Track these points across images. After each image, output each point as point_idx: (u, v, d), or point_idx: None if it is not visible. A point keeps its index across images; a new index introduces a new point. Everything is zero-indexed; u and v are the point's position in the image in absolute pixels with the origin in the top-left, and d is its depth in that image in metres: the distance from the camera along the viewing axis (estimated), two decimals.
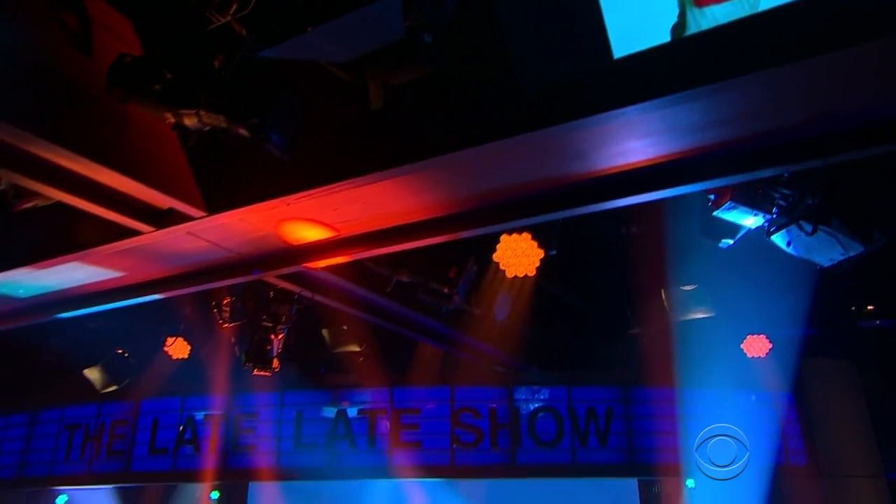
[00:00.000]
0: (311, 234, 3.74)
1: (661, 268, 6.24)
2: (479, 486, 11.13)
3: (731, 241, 4.24)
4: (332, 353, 7.34)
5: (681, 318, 6.37)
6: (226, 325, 5.92)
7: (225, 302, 5.87)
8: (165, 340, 7.53)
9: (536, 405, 7.15)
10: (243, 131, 2.64)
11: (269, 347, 5.01)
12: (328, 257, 3.89)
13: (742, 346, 7.44)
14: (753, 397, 7.79)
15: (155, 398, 7.94)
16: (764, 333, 7.37)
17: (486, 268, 4.47)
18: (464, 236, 3.59)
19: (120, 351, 7.97)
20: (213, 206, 3.34)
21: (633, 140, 2.83)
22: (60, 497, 9.67)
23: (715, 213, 3.58)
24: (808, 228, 3.33)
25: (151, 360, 7.83)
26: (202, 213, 3.35)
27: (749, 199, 3.37)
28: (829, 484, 7.63)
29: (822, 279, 6.42)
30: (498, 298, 4.76)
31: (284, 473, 7.17)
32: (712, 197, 3.56)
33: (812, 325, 7.35)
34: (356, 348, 7.30)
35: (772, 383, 7.60)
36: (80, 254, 3.94)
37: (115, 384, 7.97)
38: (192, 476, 7.50)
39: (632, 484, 12.16)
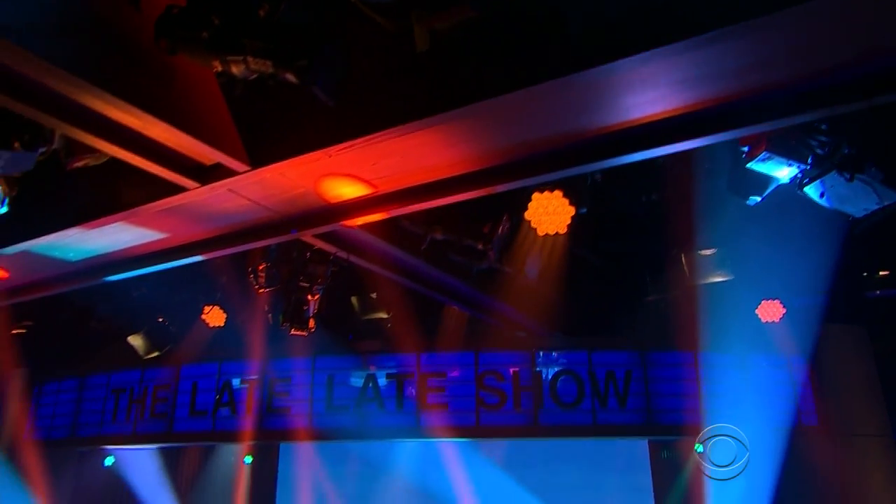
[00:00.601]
0: (348, 190, 3.64)
1: (680, 233, 6.10)
2: (499, 445, 11.17)
3: (758, 198, 4.09)
4: (361, 320, 7.29)
5: (699, 282, 6.22)
6: (261, 291, 5.85)
7: (261, 268, 5.79)
8: (203, 309, 7.51)
9: (558, 369, 7.03)
10: (290, 76, 2.53)
11: (305, 308, 4.94)
12: (365, 215, 3.78)
13: (756, 311, 7.28)
14: (765, 364, 7.64)
15: (194, 364, 7.94)
16: (778, 298, 7.21)
17: (519, 226, 4.34)
18: (499, 190, 3.47)
19: (161, 319, 7.98)
20: (257, 160, 3.24)
21: (674, 84, 2.68)
22: (108, 458, 9.77)
23: (748, 165, 3.43)
24: (846, 177, 3.17)
25: (190, 327, 7.82)
26: (246, 168, 3.26)
27: (784, 148, 3.22)
28: (840, 442, 7.51)
29: (839, 244, 6.29)
30: (529, 258, 4.63)
31: (317, 434, 7.14)
32: (745, 149, 3.40)
33: (826, 291, 7.18)
34: (384, 315, 7.24)
35: (785, 347, 7.45)
36: (127, 213, 3.87)
37: (156, 350, 7.99)
38: (230, 436, 7.50)
39: (643, 449, 12.15)
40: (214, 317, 7.56)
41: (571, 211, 4.06)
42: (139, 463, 9.85)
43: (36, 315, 7.91)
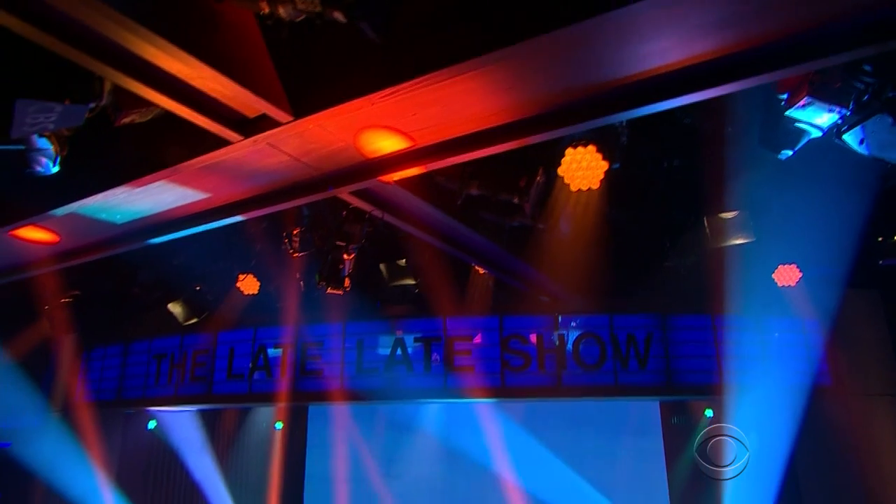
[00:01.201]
0: (387, 144, 3.51)
1: (702, 197, 5.91)
2: (519, 410, 11.18)
3: (790, 152, 3.91)
4: (389, 286, 7.20)
5: (720, 245, 6.04)
6: (295, 255, 5.77)
7: (295, 232, 5.72)
8: (237, 277, 7.47)
9: (580, 332, 6.90)
10: (338, 14, 2.41)
11: (341, 267, 4.84)
12: (402, 169, 3.66)
13: (773, 275, 7.11)
14: (781, 327, 7.46)
15: (230, 330, 7.90)
16: (795, 262, 7.03)
17: (553, 182, 4.19)
18: (537, 140, 3.32)
19: (198, 288, 7.96)
20: (299, 109, 3.12)
21: (717, 22, 2.52)
22: (151, 422, 9.84)
23: (787, 113, 3.25)
24: (888, 121, 2.99)
25: (226, 295, 7.79)
26: (289, 118, 3.14)
27: (827, 92, 3.04)
28: (853, 402, 7.36)
29: (860, 210, 6.10)
30: (561, 215, 4.49)
31: (348, 395, 7.08)
32: (784, 96, 3.23)
33: (844, 255, 6.98)
34: (412, 282, 7.15)
35: (801, 310, 7.27)
36: (171, 170, 3.79)
37: (195, 317, 7.97)
38: (265, 398, 7.49)
39: (655, 415, 12.08)
40: (248, 285, 7.52)
41: (605, 166, 3.91)
42: (181, 425, 9.93)
43: (82, 285, 7.92)
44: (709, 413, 11.74)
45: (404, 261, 6.95)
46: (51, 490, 8.81)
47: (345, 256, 4.77)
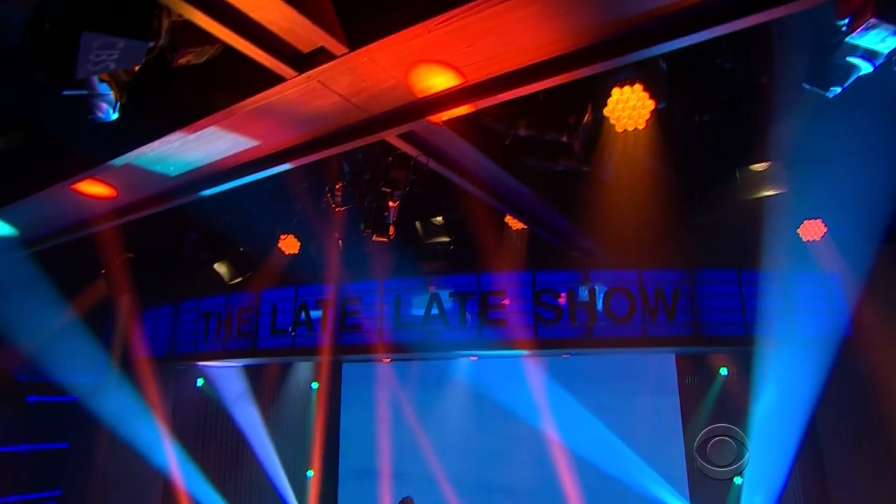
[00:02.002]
0: (438, 81, 3.33)
1: (734, 148, 5.66)
2: (542, 368, 11.13)
3: (839, 89, 3.67)
4: (424, 244, 7.08)
5: (751, 196, 5.80)
6: (338, 209, 5.65)
7: (337, 187, 5.59)
8: (279, 238, 7.40)
9: (610, 286, 6.72)
10: None
11: (386, 214, 4.70)
12: (453, 108, 3.48)
13: (798, 230, 6.85)
14: (805, 280, 7.19)
15: (273, 289, 7.84)
16: (820, 217, 6.76)
17: (600, 125, 3.98)
18: (590, 72, 3.11)
19: (242, 249, 7.91)
20: (354, 40, 2.95)
21: None
22: (199, 379, 9.91)
23: (848, 39, 3.01)
24: None
25: (268, 255, 7.73)
26: (344, 50, 2.97)
27: (894, 13, 2.79)
28: (876, 353, 7.11)
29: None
30: (606, 159, 4.29)
31: (386, 348, 7.01)
32: (845, 21, 2.98)
33: (877, 210, 6.68)
34: (446, 239, 7.02)
35: (826, 264, 7.01)
36: (224, 112, 3.65)
37: (240, 276, 7.94)
38: (307, 351, 7.46)
39: (671, 374, 11.93)
40: (289, 245, 7.45)
41: (651, 105, 3.70)
42: (227, 381, 10.00)
43: (136, 248, 7.91)
44: (723, 371, 11.58)
45: (440, 218, 6.82)
46: (115, 439, 8.95)
47: (390, 203, 4.63)
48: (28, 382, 9.39)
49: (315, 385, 13.14)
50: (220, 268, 7.96)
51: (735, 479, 10.94)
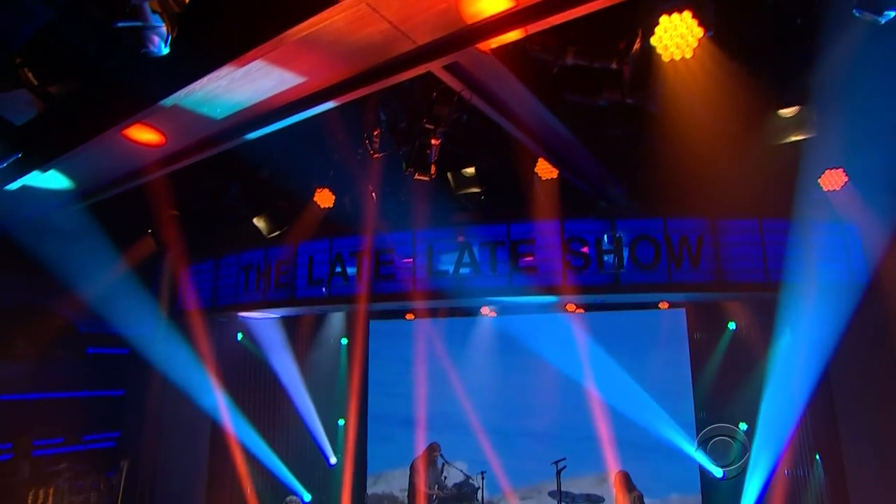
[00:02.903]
0: (490, 4, 3.11)
1: (761, 95, 5.35)
2: (557, 323, 11.13)
3: (892, 13, 3.39)
4: (456, 195, 6.90)
5: (779, 142, 5.53)
6: (376, 156, 5.48)
7: (375, 133, 5.41)
8: (314, 192, 7.26)
9: (636, 234, 6.52)
10: None
11: (428, 152, 4.51)
12: (503, 33, 3.26)
13: (819, 180, 6.57)
14: (823, 229, 6.91)
15: (309, 241, 7.74)
16: (842, 167, 6.47)
17: (649, 55, 3.72)
18: None
19: (279, 203, 7.80)
20: None
21: None
22: (238, 333, 9.93)
23: None
24: None
25: (304, 209, 7.62)
26: None
27: None
28: (889, 301, 6.86)
29: None
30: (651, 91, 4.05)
31: (419, 295, 6.91)
32: None
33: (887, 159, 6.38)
34: (477, 190, 6.83)
35: (844, 214, 6.74)
36: (272, 42, 3.44)
37: (277, 230, 7.84)
38: (343, 300, 7.39)
39: (682, 329, 11.85)
40: (324, 198, 7.33)
41: (700, 33, 3.45)
42: (266, 332, 10.02)
43: (180, 204, 7.83)
44: (731, 326, 11.44)
45: (472, 170, 6.63)
46: (166, 385, 9.05)
47: (432, 141, 4.44)
48: (88, 334, 9.52)
49: (345, 341, 13.22)
50: (259, 222, 7.86)
51: (740, 425, 10.89)
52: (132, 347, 9.84)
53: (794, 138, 5.50)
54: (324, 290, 7.11)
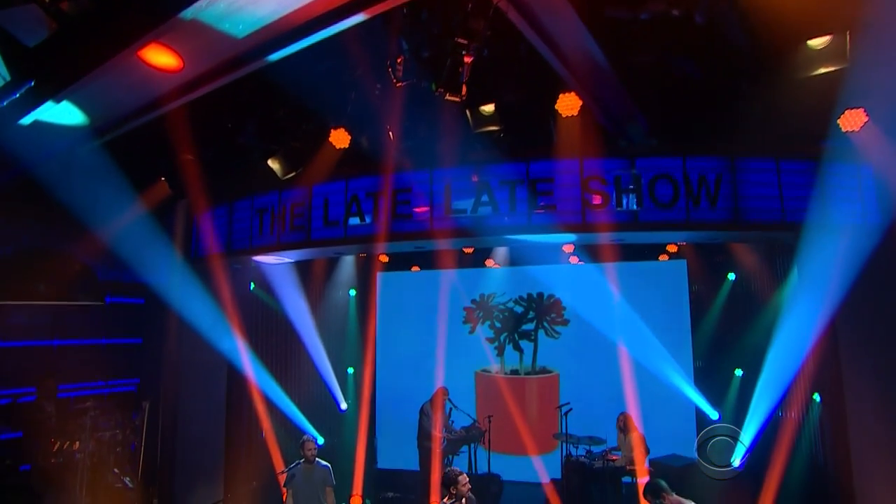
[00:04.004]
0: None
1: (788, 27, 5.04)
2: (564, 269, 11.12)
3: None
4: (474, 132, 6.63)
5: (809, 73, 5.26)
6: (399, 84, 5.17)
7: (399, 61, 5.10)
8: (330, 131, 6.96)
9: (655, 173, 6.29)
10: None
11: (461, 70, 4.21)
12: None
13: (839, 120, 6.32)
14: (839, 171, 6.68)
15: (324, 183, 7.47)
16: (863, 107, 6.20)
17: None
18: None
19: (294, 144, 7.51)
20: None
21: None
22: (251, 283, 9.76)
23: None
24: None
25: (319, 149, 7.34)
26: None
27: None
28: None
29: None
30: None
31: (437, 234, 6.68)
32: None
33: None
34: (496, 128, 6.56)
35: (863, 155, 6.51)
36: None
37: (292, 171, 7.58)
38: (360, 240, 7.19)
39: (682, 277, 11.87)
40: (339, 138, 7.04)
41: None
42: (279, 278, 9.86)
43: (195, 145, 7.52)
44: (731, 276, 11.41)
45: (490, 107, 6.34)
46: (183, 331, 8.94)
47: (465, 59, 4.14)
48: (107, 281, 9.34)
49: (353, 292, 13.16)
50: (274, 164, 7.59)
51: (736, 371, 10.95)
52: (149, 296, 9.72)
53: (822, 70, 5.23)
54: (341, 222, 6.81)
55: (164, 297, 9.03)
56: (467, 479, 6.06)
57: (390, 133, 6.61)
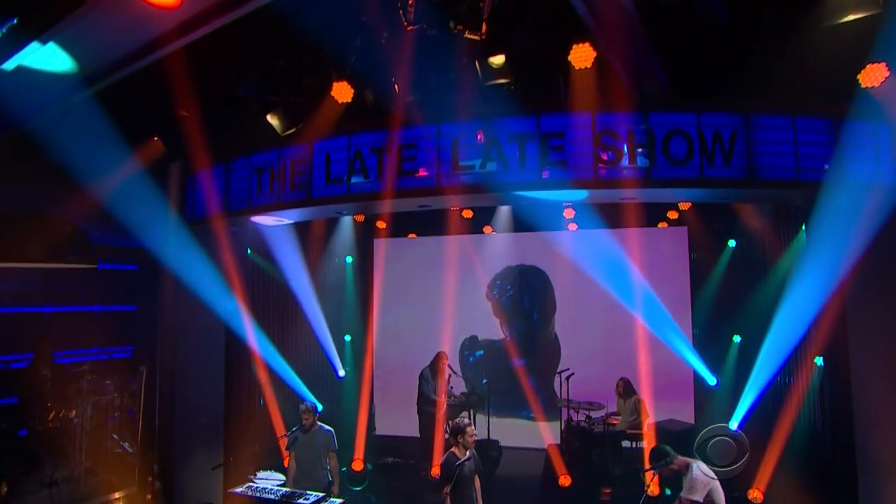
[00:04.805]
0: None
1: None
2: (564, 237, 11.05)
3: None
4: (483, 85, 6.37)
5: (839, 20, 5.04)
6: (409, 28, 4.89)
7: (410, 2, 4.80)
8: (332, 84, 6.66)
9: (669, 129, 6.09)
10: None
11: (481, 5, 3.94)
12: None
13: (859, 76, 6.12)
14: (856, 129, 6.50)
15: (326, 139, 7.19)
16: (885, 61, 6.00)
17: None
18: None
19: (294, 99, 7.20)
20: None
21: None
22: (248, 249, 9.52)
23: None
24: None
25: (320, 104, 7.03)
26: None
27: None
28: None
29: None
30: None
31: (445, 191, 6.48)
32: None
33: None
34: (505, 80, 6.30)
35: (883, 112, 6.33)
36: None
37: (292, 127, 7.29)
38: (364, 197, 6.94)
39: (683, 245, 11.86)
40: (342, 92, 6.74)
41: None
42: (278, 241, 9.64)
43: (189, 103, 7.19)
44: (731, 243, 11.37)
45: (500, 58, 6.07)
46: (179, 295, 8.73)
47: None
48: (100, 246, 9.06)
49: (350, 259, 13.01)
50: (273, 119, 7.29)
51: (734, 338, 10.98)
52: (143, 262, 9.47)
53: (852, 17, 5.01)
54: (344, 179, 6.55)
55: (159, 261, 8.77)
56: (475, 431, 6.04)
57: (396, 86, 6.33)
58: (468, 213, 11.76)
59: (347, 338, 12.72)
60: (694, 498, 5.19)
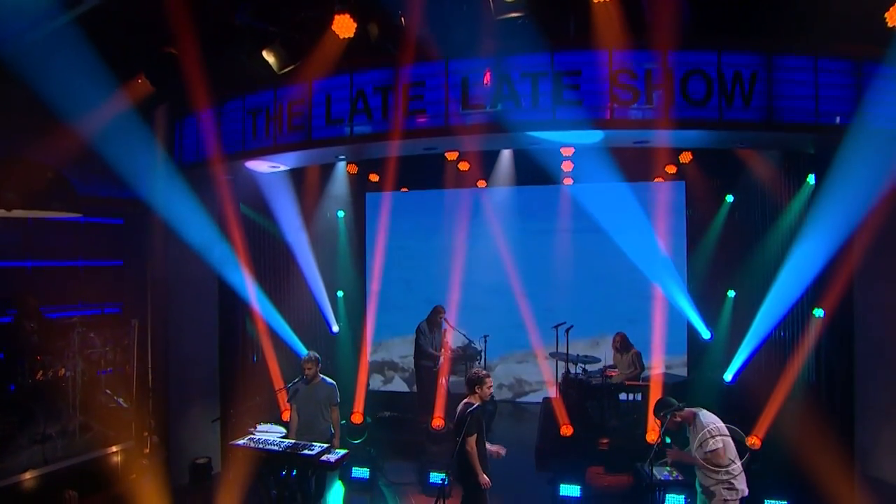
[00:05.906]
0: None
1: None
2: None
3: None
4: (494, 20, 6.00)
5: None
6: None
7: None
8: (332, 17, 6.22)
9: (688, 68, 5.83)
10: None
11: None
12: None
13: (886, 14, 5.88)
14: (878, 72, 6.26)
15: (326, 78, 6.78)
16: None
17: None
18: None
19: (293, 34, 6.74)
20: None
21: None
22: (241, 204, 9.15)
23: None
24: None
25: (320, 40, 6.59)
26: None
27: None
28: None
29: None
30: None
31: (452, 130, 6.20)
32: None
33: None
34: (518, 14, 5.94)
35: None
36: None
37: (290, 64, 6.86)
38: (368, 138, 6.61)
39: (680, 203, 11.81)
40: (344, 25, 6.31)
41: None
42: (272, 189, 9.29)
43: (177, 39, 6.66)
44: (729, 198, 11.30)
45: None
46: (169, 245, 8.38)
47: None
48: (84, 197, 8.57)
49: (341, 213, 12.75)
50: (269, 55, 6.84)
51: (728, 293, 11.03)
52: (129, 215, 9.04)
53: None
54: (346, 119, 6.21)
55: (147, 211, 8.36)
56: (492, 383, 5.98)
57: (402, 19, 5.93)
58: (465, 166, 11.46)
59: (340, 294, 12.55)
60: (708, 449, 5.18)
